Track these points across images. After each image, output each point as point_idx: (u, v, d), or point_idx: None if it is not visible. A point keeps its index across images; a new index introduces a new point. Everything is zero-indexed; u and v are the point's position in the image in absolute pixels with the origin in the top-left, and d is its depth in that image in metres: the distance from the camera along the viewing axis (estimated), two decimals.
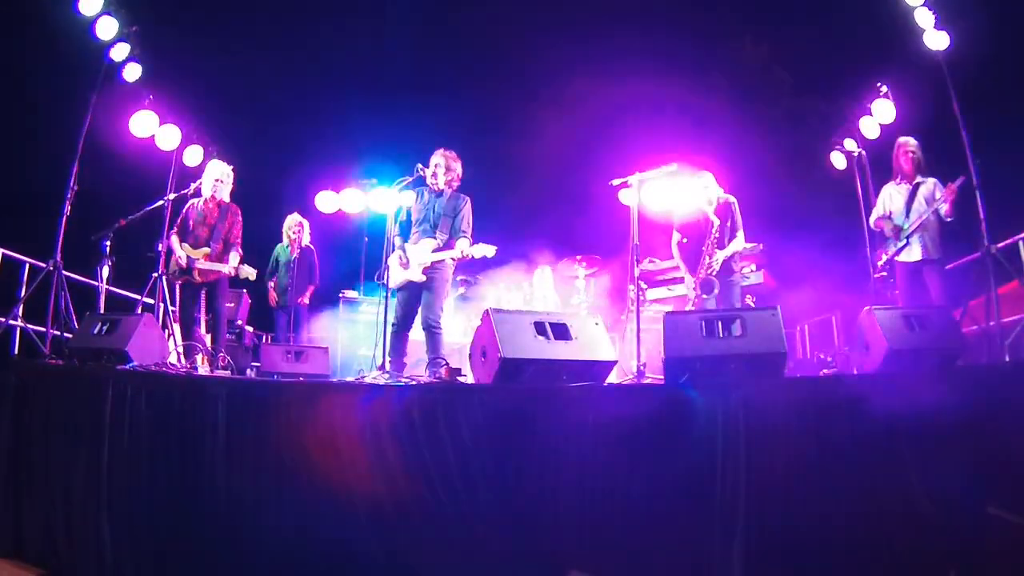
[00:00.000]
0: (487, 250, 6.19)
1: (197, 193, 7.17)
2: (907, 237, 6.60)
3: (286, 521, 4.22)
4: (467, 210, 6.60)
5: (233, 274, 6.98)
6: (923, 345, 4.36)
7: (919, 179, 6.72)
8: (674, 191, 7.20)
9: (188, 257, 6.87)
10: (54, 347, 6.36)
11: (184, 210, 7.22)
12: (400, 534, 4.05)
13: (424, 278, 6.28)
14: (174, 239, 7.03)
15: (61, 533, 4.66)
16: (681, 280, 7.93)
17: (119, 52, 7.03)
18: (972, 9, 7.29)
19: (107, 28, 6.93)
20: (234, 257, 7.03)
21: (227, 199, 7.23)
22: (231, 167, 7.35)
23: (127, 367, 4.99)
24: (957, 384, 3.92)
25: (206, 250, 6.95)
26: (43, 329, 6.58)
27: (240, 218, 7.22)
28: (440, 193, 6.56)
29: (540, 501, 3.99)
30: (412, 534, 4.04)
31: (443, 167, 6.55)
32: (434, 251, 6.35)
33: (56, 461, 4.77)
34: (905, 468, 3.70)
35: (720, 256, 6.94)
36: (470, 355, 4.72)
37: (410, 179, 6.36)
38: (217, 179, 7.12)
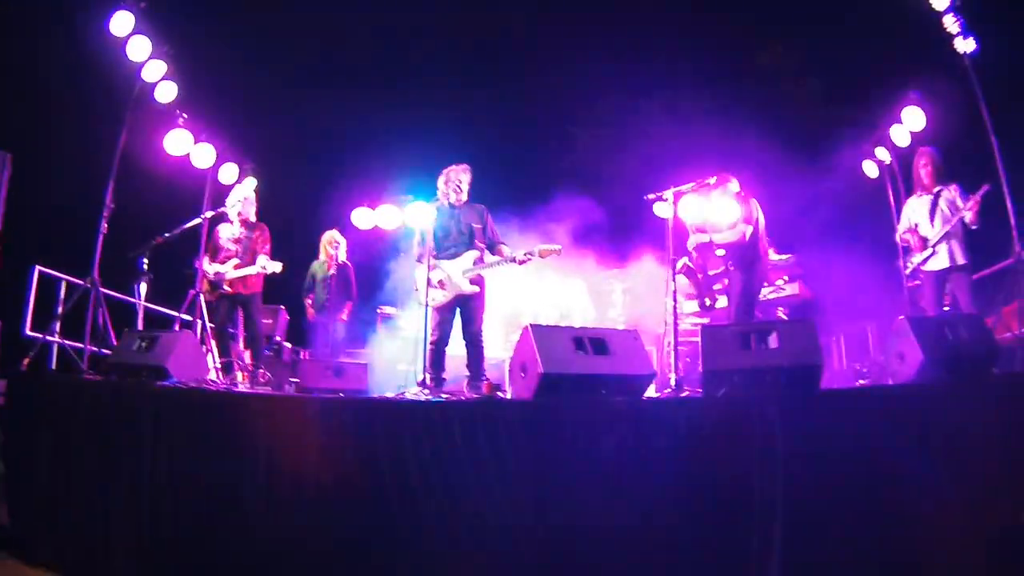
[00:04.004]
0: (554, 248, 6.18)
1: (224, 217, 7.27)
2: (933, 246, 6.56)
3: (328, 535, 4.27)
4: (491, 218, 6.67)
5: (263, 271, 7.03)
6: (958, 354, 4.31)
7: (939, 187, 6.68)
8: (710, 205, 7.08)
9: (216, 272, 6.97)
10: (92, 363, 6.43)
11: (214, 234, 7.36)
12: (443, 549, 4.09)
13: (476, 288, 6.28)
14: (204, 260, 7.14)
15: (99, 548, 4.70)
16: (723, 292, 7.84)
17: (152, 71, 7.10)
18: (1001, 13, 7.26)
19: (139, 48, 6.99)
20: (261, 258, 7.12)
21: (253, 218, 7.32)
22: (254, 184, 7.45)
23: (167, 384, 5.03)
24: (992, 392, 3.92)
25: (235, 261, 7.04)
26: (81, 345, 6.66)
27: (268, 233, 7.31)
28: (461, 206, 6.60)
29: (580, 514, 4.00)
30: (455, 549, 4.07)
31: (467, 183, 6.62)
32: (476, 262, 6.35)
33: (95, 477, 4.82)
34: (940, 478, 3.69)
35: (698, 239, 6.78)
36: (510, 370, 4.75)
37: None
38: (242, 199, 7.24)
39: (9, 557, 4.95)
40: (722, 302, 6.96)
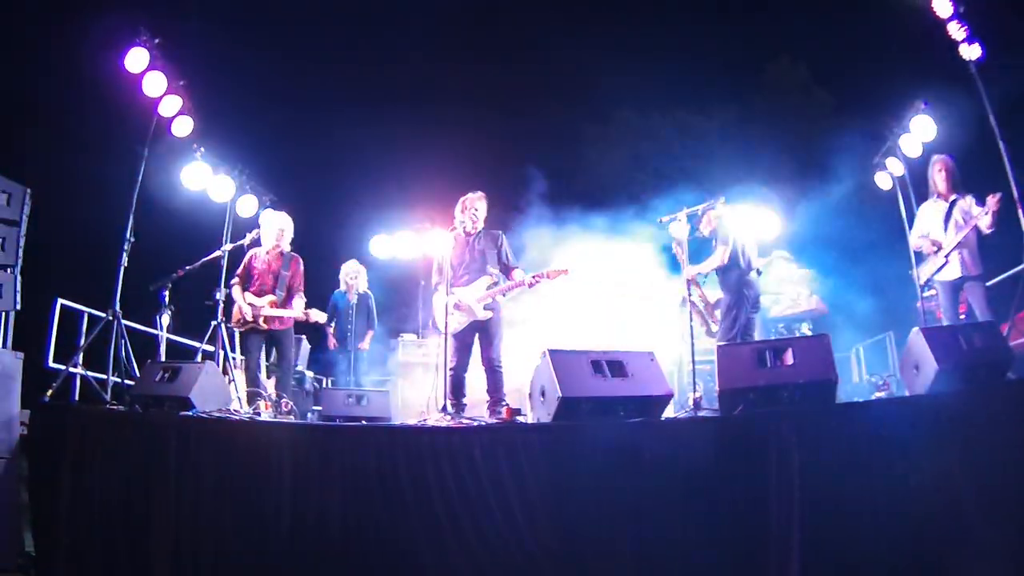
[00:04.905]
0: (562, 270, 6.18)
1: (257, 243, 7.29)
2: (946, 255, 6.54)
3: (353, 560, 4.33)
4: (508, 242, 6.68)
5: (304, 319, 7.06)
6: (972, 362, 4.33)
7: (955, 196, 6.66)
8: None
9: (252, 306, 6.96)
10: (115, 394, 6.48)
11: (246, 260, 7.29)
12: (463, 569, 4.15)
13: (490, 314, 6.28)
14: (236, 289, 7.07)
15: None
16: None
17: (168, 106, 7.17)
18: (1005, 18, 7.25)
19: (155, 84, 7.07)
20: (299, 302, 7.09)
21: (288, 248, 7.34)
22: (290, 218, 7.51)
23: (190, 414, 5.06)
24: (1008, 398, 3.93)
25: (271, 298, 6.98)
26: (104, 377, 6.73)
27: (302, 267, 7.30)
28: (477, 233, 6.61)
29: (599, 534, 4.06)
30: (475, 568, 4.12)
31: (483, 210, 6.65)
32: (489, 288, 6.34)
33: (119, 506, 4.87)
34: (958, 488, 3.71)
35: (689, 272, 6.70)
36: (530, 394, 4.79)
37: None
38: (280, 229, 7.24)
39: None
40: None
